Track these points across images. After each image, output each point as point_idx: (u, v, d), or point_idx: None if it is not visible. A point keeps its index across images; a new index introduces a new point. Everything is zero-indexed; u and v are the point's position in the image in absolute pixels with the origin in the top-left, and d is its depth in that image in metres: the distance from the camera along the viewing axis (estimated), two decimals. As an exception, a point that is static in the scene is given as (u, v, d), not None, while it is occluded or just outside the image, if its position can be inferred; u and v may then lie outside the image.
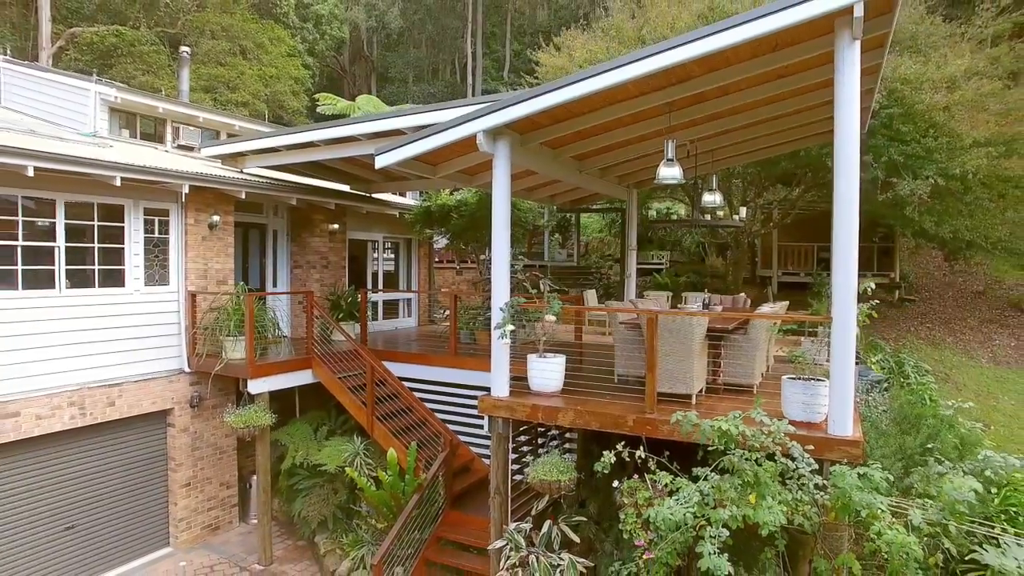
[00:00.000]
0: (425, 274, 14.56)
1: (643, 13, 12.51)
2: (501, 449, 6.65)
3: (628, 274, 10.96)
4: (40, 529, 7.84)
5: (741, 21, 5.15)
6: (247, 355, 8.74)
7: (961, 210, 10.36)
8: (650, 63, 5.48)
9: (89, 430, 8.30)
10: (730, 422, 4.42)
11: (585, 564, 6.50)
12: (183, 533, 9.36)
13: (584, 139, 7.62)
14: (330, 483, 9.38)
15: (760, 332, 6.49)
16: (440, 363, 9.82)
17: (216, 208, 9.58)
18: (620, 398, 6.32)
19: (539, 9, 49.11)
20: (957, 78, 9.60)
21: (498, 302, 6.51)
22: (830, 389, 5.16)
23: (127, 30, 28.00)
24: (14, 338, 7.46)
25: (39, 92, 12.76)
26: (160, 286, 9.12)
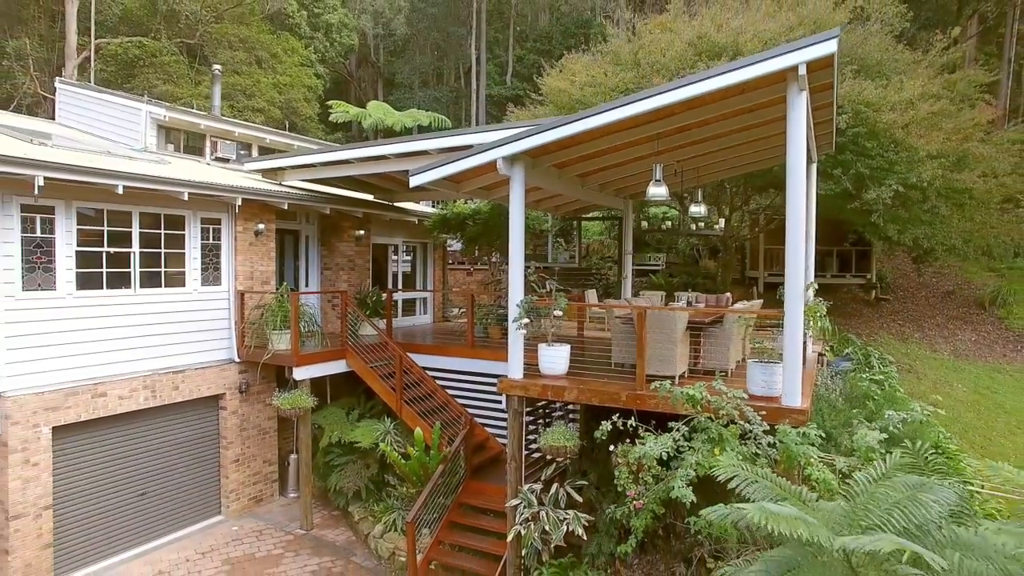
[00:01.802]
0: (439, 275, 15.86)
1: (638, 39, 13.79)
2: (516, 423, 7.93)
3: (625, 275, 12.26)
4: (121, 493, 9.14)
5: (713, 74, 6.45)
6: (292, 346, 10.04)
7: (921, 218, 11.62)
8: (641, 106, 6.77)
9: (158, 410, 9.60)
10: (696, 390, 5.71)
11: (587, 518, 7.78)
12: (233, 503, 10.66)
13: (586, 161, 8.90)
14: (362, 459, 10.67)
15: (733, 325, 7.77)
16: (458, 354, 11.12)
17: (261, 217, 10.88)
18: (616, 380, 7.60)
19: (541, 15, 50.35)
20: (913, 100, 10.88)
21: (514, 300, 7.77)
22: (783, 370, 6.44)
23: (149, 41, 29.31)
24: (102, 330, 8.76)
25: (92, 111, 14.07)
26: (214, 286, 10.42)
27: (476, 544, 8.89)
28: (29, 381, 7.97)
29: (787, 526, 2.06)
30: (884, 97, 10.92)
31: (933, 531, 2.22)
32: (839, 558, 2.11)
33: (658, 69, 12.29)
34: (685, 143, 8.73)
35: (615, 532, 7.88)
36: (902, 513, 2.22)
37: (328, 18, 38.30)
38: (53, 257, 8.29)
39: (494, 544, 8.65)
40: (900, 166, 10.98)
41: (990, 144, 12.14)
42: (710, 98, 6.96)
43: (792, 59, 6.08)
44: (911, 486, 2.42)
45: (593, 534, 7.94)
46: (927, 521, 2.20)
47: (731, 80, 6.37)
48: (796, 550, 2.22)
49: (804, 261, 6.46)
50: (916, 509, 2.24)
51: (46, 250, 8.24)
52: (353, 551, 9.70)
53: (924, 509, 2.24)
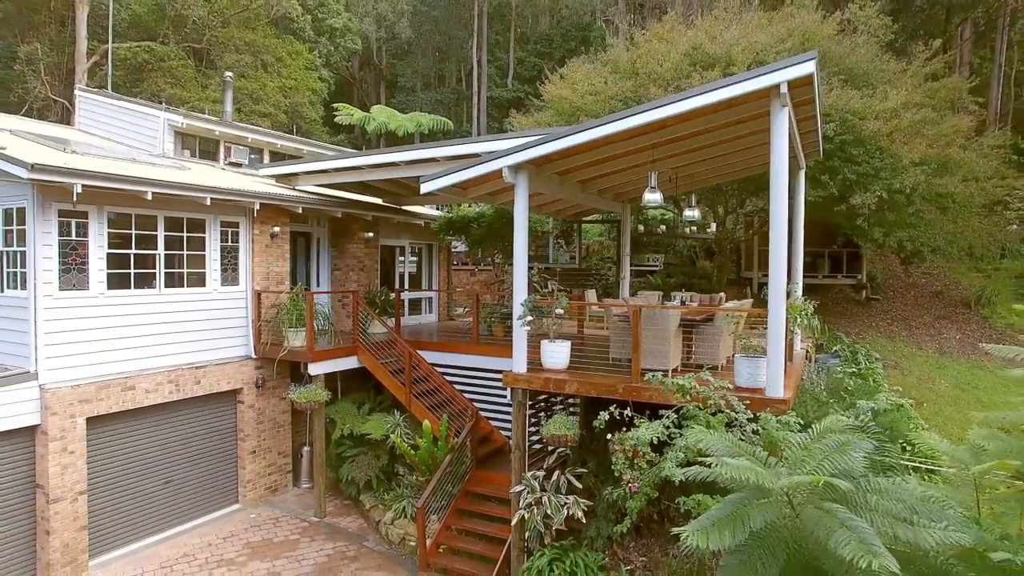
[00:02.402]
0: (444, 275, 16.41)
1: (636, 48, 14.35)
2: (520, 414, 8.49)
3: (623, 276, 12.81)
4: (147, 481, 9.71)
5: (703, 91, 7.01)
6: (307, 343, 10.60)
7: (906, 221, 12.17)
8: (638, 119, 7.32)
9: (181, 403, 10.16)
10: (685, 380, 6.26)
11: (586, 503, 8.33)
12: (250, 492, 11.22)
13: (586, 168, 9.45)
14: (372, 450, 11.23)
15: (722, 323, 8.32)
16: (464, 350, 11.67)
17: (276, 220, 11.45)
18: (614, 374, 8.15)
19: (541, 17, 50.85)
20: (897, 109, 11.43)
21: (519, 299, 8.32)
22: (767, 363, 7.00)
23: (157, 46, 29.88)
24: (130, 328, 9.33)
25: (111, 117, 14.63)
26: (232, 286, 10.98)
27: (482, 529, 9.45)
28: (66, 375, 8.53)
29: (738, 472, 2.60)
30: (869, 106, 11.47)
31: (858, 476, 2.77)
32: (782, 497, 2.65)
33: (655, 79, 12.84)
34: (679, 152, 9.29)
35: (612, 516, 8.44)
36: (831, 463, 2.77)
37: (332, 22, 38.85)
38: (86, 259, 8.85)
39: (499, 529, 9.19)
40: (885, 172, 11.53)
41: (971, 150, 12.68)
42: (701, 112, 7.50)
43: (774, 78, 6.63)
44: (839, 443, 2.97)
45: (592, 518, 8.50)
46: (852, 468, 2.75)
47: (719, 97, 6.92)
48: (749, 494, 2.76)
49: (787, 263, 7.02)
50: (841, 458, 2.79)
51: (80, 252, 8.80)
52: (365, 537, 10.26)
53: (848, 458, 2.80)
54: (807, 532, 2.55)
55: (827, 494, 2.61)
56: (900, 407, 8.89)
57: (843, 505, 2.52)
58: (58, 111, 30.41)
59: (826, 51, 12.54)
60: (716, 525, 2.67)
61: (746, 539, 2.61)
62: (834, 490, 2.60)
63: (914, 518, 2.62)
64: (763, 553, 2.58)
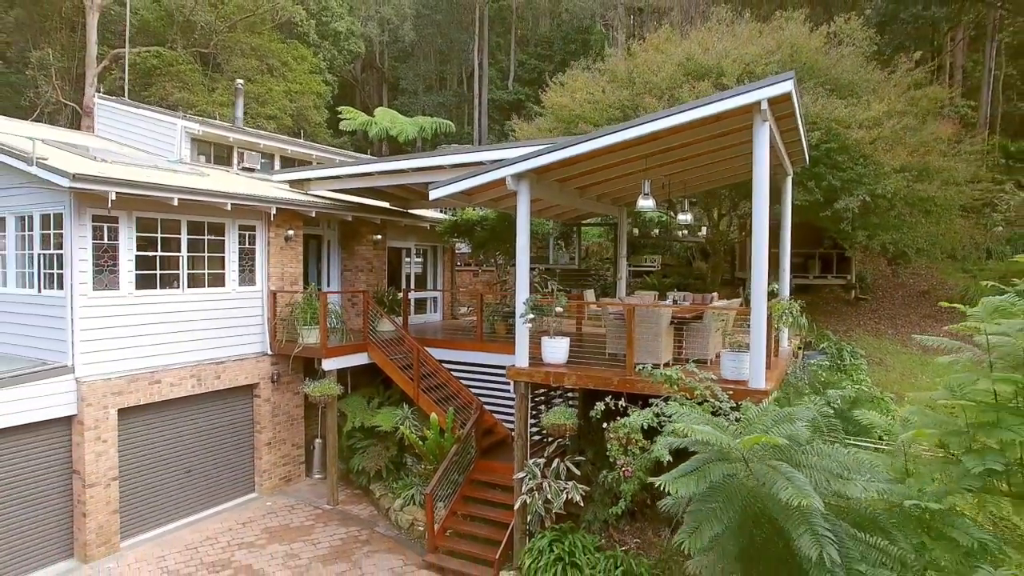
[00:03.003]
0: (448, 276, 17.03)
1: (633, 59, 14.96)
2: (522, 405, 9.10)
3: (620, 276, 13.42)
4: (171, 469, 10.33)
5: (692, 107, 7.62)
6: (320, 340, 11.22)
7: (890, 224, 12.77)
8: (632, 132, 7.93)
9: (203, 397, 10.78)
10: (673, 371, 6.88)
11: (584, 488, 8.94)
12: (265, 482, 11.83)
13: (585, 176, 10.07)
14: (382, 442, 11.85)
15: (711, 321, 8.94)
16: (468, 347, 12.29)
17: (291, 224, 12.06)
18: (610, 368, 8.77)
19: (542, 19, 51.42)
20: (879, 118, 12.04)
21: (521, 298, 8.93)
22: (750, 357, 7.61)
23: (166, 51, 30.52)
24: (156, 325, 9.95)
25: (130, 124, 15.26)
26: (249, 286, 11.60)
27: (486, 514, 10.06)
28: (99, 369, 9.15)
29: (703, 435, 3.19)
30: (853, 115, 12.08)
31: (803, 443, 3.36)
32: (738, 456, 3.25)
33: (650, 88, 13.45)
34: (671, 160, 9.90)
35: (609, 501, 9.04)
36: (778, 429, 3.36)
37: (336, 26, 39.46)
38: (117, 261, 9.47)
39: (502, 514, 9.81)
40: (868, 178, 12.14)
41: (951, 156, 13.29)
42: (689, 126, 8.10)
43: (755, 96, 7.25)
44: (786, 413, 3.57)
45: (590, 503, 9.11)
46: (797, 435, 3.35)
47: (706, 112, 7.54)
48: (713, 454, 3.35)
49: (776, 264, 7.64)
50: (787, 425, 3.38)
51: (111, 255, 9.42)
52: (376, 523, 10.88)
53: (793, 426, 3.39)
54: (758, 484, 3.14)
55: (776, 455, 3.20)
56: (880, 399, 9.51)
57: (788, 463, 3.11)
58: (68, 114, 31.03)
59: (813, 62, 13.15)
60: (683, 476, 3.27)
61: (708, 489, 3.21)
62: (782, 451, 3.20)
63: (846, 474, 3.22)
64: (722, 500, 3.17)
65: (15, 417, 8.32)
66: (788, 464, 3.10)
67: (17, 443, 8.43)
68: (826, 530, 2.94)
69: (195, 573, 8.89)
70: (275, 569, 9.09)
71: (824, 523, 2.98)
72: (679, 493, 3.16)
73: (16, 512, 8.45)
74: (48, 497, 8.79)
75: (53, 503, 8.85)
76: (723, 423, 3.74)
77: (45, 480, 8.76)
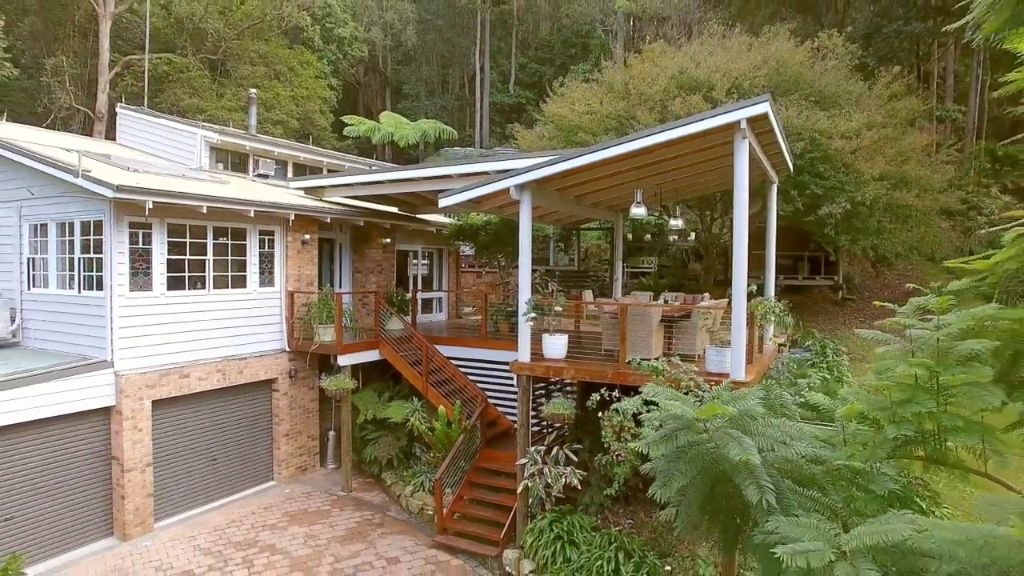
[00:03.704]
0: (454, 276, 17.82)
1: (629, 71, 15.76)
2: (525, 396, 9.89)
3: (616, 278, 14.22)
4: (198, 458, 11.12)
5: (679, 125, 8.42)
6: (336, 338, 12.01)
7: (871, 229, 13.56)
8: (625, 147, 8.72)
9: (227, 390, 11.57)
10: (659, 363, 7.67)
11: (581, 474, 9.72)
12: (283, 471, 12.62)
13: (582, 185, 10.86)
14: (393, 433, 12.64)
15: (698, 319, 9.72)
16: (473, 344, 13.09)
17: (307, 229, 12.86)
18: (605, 362, 9.56)
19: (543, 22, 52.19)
20: (859, 129, 12.83)
21: (523, 298, 9.72)
22: (731, 351, 8.40)
23: (177, 58, 31.34)
24: (185, 323, 10.74)
25: (150, 133, 16.07)
26: (268, 287, 12.39)
27: (491, 499, 10.85)
28: (135, 363, 9.95)
29: (672, 407, 3.97)
30: (835, 127, 12.87)
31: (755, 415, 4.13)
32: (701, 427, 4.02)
33: (645, 100, 14.24)
34: (663, 171, 10.69)
35: (604, 485, 9.82)
36: (735, 404, 4.13)
37: (340, 32, 40.29)
38: (150, 264, 10.27)
39: (505, 498, 10.59)
40: (849, 186, 12.93)
41: (927, 166, 14.06)
42: (677, 141, 8.89)
43: (734, 116, 8.04)
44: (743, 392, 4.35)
45: (587, 488, 9.89)
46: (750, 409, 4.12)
47: (692, 130, 8.34)
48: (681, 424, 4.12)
49: (747, 270, 8.41)
50: (743, 402, 4.16)
51: (145, 258, 10.21)
52: (388, 508, 11.67)
53: (745, 401, 4.17)
54: (717, 448, 3.91)
55: (733, 425, 3.96)
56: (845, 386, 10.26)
57: (741, 432, 3.88)
58: (80, 119, 31.83)
59: (798, 76, 13.94)
60: (655, 442, 4.05)
61: (675, 451, 3.98)
62: (737, 423, 3.96)
63: (789, 441, 3.98)
64: (687, 460, 3.94)
65: (61, 407, 9.11)
66: (740, 432, 3.88)
67: (63, 431, 9.23)
68: (768, 483, 3.71)
69: (224, 551, 9.68)
70: (297, 548, 9.88)
71: (767, 478, 3.75)
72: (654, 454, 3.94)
73: (63, 494, 9.25)
74: (90, 481, 9.59)
75: (95, 486, 9.64)
76: (690, 400, 4.52)
77: (88, 465, 9.56)
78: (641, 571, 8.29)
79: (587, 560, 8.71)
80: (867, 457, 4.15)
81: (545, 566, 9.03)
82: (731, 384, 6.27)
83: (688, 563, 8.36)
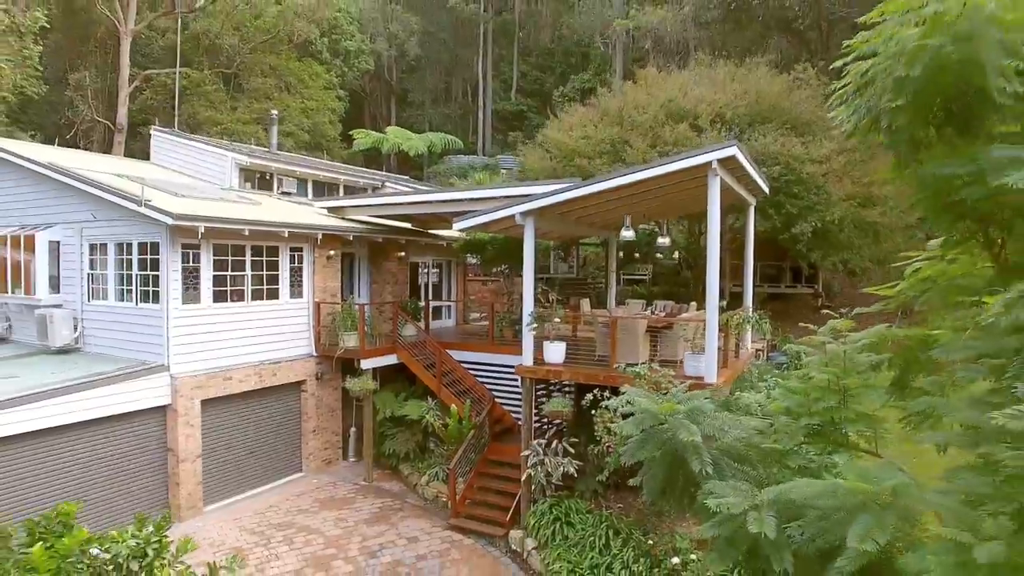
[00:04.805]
0: (461, 285, 19.25)
1: (623, 97, 17.19)
2: (528, 396, 11.31)
3: (609, 290, 15.64)
4: (238, 450, 12.55)
5: (661, 164, 9.87)
6: (360, 344, 13.44)
7: (841, 244, 14.98)
8: (615, 182, 10.17)
9: (263, 391, 12.99)
10: (643, 367, 9.09)
11: (577, 464, 11.14)
12: (311, 463, 14.05)
13: (579, 210, 12.27)
14: (409, 429, 14.06)
15: (678, 329, 11.15)
16: (481, 349, 14.50)
17: (332, 246, 14.29)
18: (598, 367, 10.97)
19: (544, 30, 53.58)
20: (829, 155, 14.24)
21: (527, 311, 11.13)
22: (706, 357, 9.81)
23: (194, 72, 32.78)
24: (228, 331, 12.17)
25: (183, 154, 17.50)
26: (297, 299, 13.81)
27: (498, 487, 12.26)
28: (187, 367, 11.37)
29: (639, 404, 5.41)
30: (808, 152, 14.28)
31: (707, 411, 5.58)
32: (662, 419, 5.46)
33: (636, 125, 15.67)
34: (650, 198, 12.12)
35: (596, 473, 11.24)
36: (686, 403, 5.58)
37: (347, 44, 41.72)
38: (199, 280, 11.69)
39: (511, 486, 11.99)
40: (820, 206, 14.35)
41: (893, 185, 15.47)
42: (660, 177, 10.33)
43: (707, 158, 9.47)
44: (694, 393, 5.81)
45: (582, 476, 11.30)
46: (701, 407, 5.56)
47: (671, 169, 9.77)
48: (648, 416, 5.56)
49: (719, 287, 9.83)
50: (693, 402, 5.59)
51: (195, 275, 11.64)
52: (406, 496, 13.09)
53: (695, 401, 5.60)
54: (673, 435, 5.33)
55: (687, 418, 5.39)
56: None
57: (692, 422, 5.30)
58: (101, 130, 33.28)
59: (776, 105, 15.36)
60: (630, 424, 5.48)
61: (642, 435, 5.40)
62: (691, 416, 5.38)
63: (727, 429, 5.41)
64: (649, 441, 5.37)
65: (127, 405, 10.54)
66: (691, 422, 5.29)
67: (129, 426, 10.66)
68: (708, 459, 5.12)
69: (267, 531, 11.10)
70: (329, 528, 11.30)
71: (708, 455, 5.15)
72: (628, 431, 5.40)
73: (128, 480, 10.68)
74: (150, 469, 11.02)
75: (154, 474, 11.07)
76: (657, 398, 5.95)
77: (148, 456, 10.99)
78: (628, 546, 9.71)
79: (582, 537, 10.12)
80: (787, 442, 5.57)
81: (546, 543, 10.44)
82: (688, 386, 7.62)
83: (668, 539, 9.77)
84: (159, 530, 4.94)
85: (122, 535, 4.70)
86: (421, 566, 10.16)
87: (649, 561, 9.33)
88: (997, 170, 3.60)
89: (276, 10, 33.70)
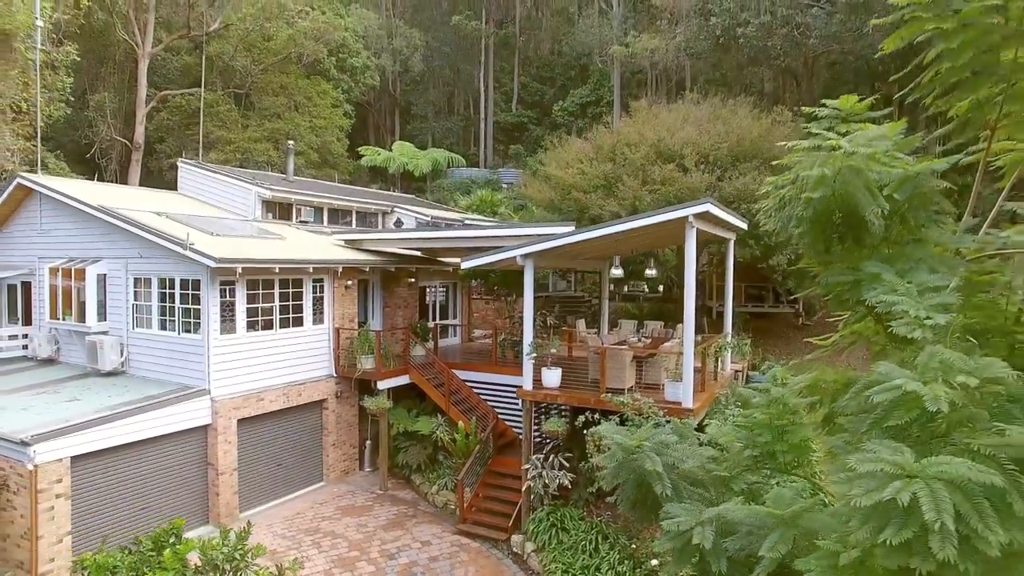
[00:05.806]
0: (466, 307, 20.69)
1: (616, 134, 18.62)
2: (528, 416, 12.75)
3: (602, 315, 17.08)
4: (268, 463, 13.98)
5: (646, 216, 11.33)
6: (376, 366, 14.87)
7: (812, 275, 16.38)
8: (605, 231, 11.61)
9: (289, 410, 14.42)
10: (627, 396, 10.51)
11: (571, 476, 12.56)
12: (331, 474, 15.48)
13: (573, 249, 13.70)
14: (420, 443, 15.49)
15: (661, 358, 12.58)
16: (485, 370, 15.94)
17: (350, 276, 15.73)
18: (589, 390, 12.39)
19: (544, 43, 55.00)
20: (803, 195, 15.64)
21: (527, 340, 12.56)
22: (683, 384, 11.24)
23: (208, 93, 34.21)
24: (260, 357, 13.60)
25: (207, 185, 18.94)
26: (319, 325, 15.25)
27: (501, 496, 13.69)
28: (225, 390, 12.81)
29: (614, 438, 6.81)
30: (782, 191, 15.69)
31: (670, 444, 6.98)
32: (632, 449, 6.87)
33: (628, 163, 17.10)
34: (637, 237, 13.53)
35: (587, 485, 12.66)
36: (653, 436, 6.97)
37: (353, 62, 43.15)
38: (234, 312, 13.12)
39: (513, 495, 13.42)
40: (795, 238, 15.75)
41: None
42: (645, 229, 11.75)
43: (684, 212, 10.91)
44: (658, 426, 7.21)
45: (576, 487, 12.73)
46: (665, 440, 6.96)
47: (654, 221, 11.22)
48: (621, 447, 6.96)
49: (694, 320, 11.25)
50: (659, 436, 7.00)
51: (231, 308, 13.07)
52: (418, 503, 14.52)
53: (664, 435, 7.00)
54: (641, 463, 6.74)
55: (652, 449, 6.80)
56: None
57: (656, 453, 6.71)
58: (120, 149, 34.72)
59: (757, 145, 16.79)
60: (606, 457, 6.89)
61: (616, 464, 6.80)
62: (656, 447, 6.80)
63: (685, 458, 6.81)
64: (623, 469, 6.78)
65: (175, 425, 11.97)
66: (656, 454, 6.70)
67: (176, 444, 12.10)
68: (668, 483, 6.53)
69: (296, 536, 12.53)
70: (351, 533, 12.74)
71: (668, 480, 6.57)
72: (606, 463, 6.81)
73: (176, 490, 12.11)
74: (194, 481, 12.45)
75: (197, 485, 12.50)
76: (630, 431, 7.38)
77: (192, 469, 12.42)
78: (615, 549, 11.14)
79: (575, 541, 11.55)
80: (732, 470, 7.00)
81: (543, 547, 11.87)
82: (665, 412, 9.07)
83: (648, 543, 11.19)
84: (240, 539, 6.35)
85: (213, 543, 6.10)
86: (434, 567, 11.59)
87: (632, 563, 10.75)
88: (868, 282, 5.22)
89: (287, 33, 35.10)
